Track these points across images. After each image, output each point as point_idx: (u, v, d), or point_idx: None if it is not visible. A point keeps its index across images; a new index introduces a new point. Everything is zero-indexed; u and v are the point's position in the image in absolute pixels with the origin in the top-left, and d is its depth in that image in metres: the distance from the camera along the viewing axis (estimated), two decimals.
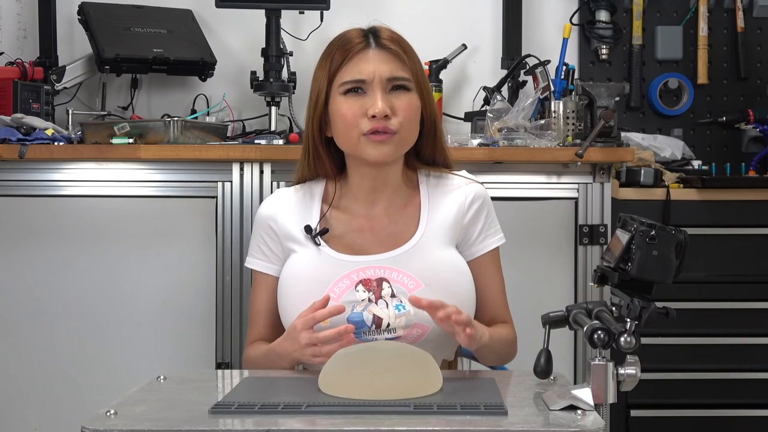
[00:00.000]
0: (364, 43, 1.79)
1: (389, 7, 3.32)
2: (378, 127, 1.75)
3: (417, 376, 1.46)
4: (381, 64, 1.77)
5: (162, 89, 3.32)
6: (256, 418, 1.32)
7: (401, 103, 1.77)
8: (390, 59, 1.78)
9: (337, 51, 1.79)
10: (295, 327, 1.68)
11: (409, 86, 1.79)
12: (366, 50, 1.78)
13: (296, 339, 1.68)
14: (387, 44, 1.79)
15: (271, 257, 1.88)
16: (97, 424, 1.27)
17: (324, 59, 1.82)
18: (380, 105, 1.74)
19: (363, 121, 1.76)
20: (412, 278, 1.77)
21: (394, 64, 1.78)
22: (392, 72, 1.77)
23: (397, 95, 1.78)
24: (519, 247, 2.60)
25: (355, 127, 1.76)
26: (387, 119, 1.75)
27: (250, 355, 1.87)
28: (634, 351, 1.37)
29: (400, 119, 1.77)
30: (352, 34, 1.81)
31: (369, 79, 1.76)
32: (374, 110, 1.74)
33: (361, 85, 1.77)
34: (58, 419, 2.66)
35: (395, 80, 1.78)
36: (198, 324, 2.69)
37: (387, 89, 1.77)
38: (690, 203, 2.83)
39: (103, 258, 2.68)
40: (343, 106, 1.77)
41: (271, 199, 1.93)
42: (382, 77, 1.76)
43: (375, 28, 1.82)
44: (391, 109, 1.76)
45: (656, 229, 1.40)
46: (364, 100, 1.77)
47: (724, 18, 3.42)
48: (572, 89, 2.92)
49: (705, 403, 2.84)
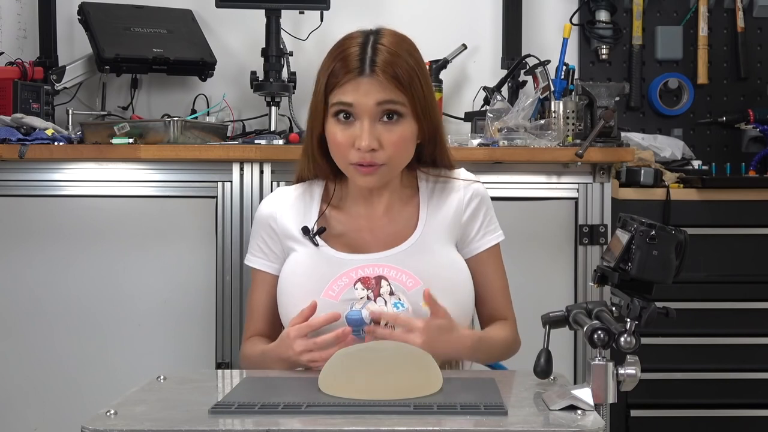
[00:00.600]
0: (359, 68, 1.72)
1: (389, 7, 3.32)
2: (364, 161, 1.73)
3: (417, 376, 1.46)
4: (372, 91, 1.72)
5: (162, 89, 3.32)
6: (256, 418, 1.32)
7: (391, 136, 1.74)
8: (383, 86, 1.72)
9: (334, 69, 1.74)
10: (288, 335, 1.70)
11: (401, 111, 1.74)
12: (359, 77, 1.72)
13: (290, 346, 1.69)
14: (381, 71, 1.72)
15: (271, 256, 1.89)
16: (97, 424, 1.27)
17: (324, 69, 1.78)
18: (366, 140, 1.71)
19: (351, 151, 1.74)
20: (410, 276, 1.77)
21: (387, 88, 1.72)
22: (383, 96, 1.72)
23: (387, 126, 1.74)
24: (519, 247, 2.60)
25: (344, 154, 1.76)
26: (374, 152, 1.73)
27: (247, 352, 1.88)
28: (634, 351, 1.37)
29: (388, 153, 1.74)
30: (352, 52, 1.74)
31: (357, 104, 1.72)
32: (359, 144, 1.72)
33: (350, 110, 1.73)
34: (58, 419, 2.66)
35: (386, 104, 1.73)
36: (198, 324, 2.69)
37: (376, 117, 1.73)
38: (690, 203, 2.83)
39: (103, 258, 2.68)
40: (335, 131, 1.76)
41: (271, 197, 1.94)
42: (370, 104, 1.72)
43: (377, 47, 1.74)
44: (378, 141, 1.73)
45: (656, 229, 1.40)
46: (352, 129, 1.74)
47: (724, 18, 3.42)
48: (572, 89, 2.92)
49: (705, 403, 2.84)
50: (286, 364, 1.73)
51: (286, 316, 1.80)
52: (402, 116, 1.75)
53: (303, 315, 1.71)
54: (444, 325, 1.70)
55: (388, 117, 1.74)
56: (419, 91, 1.75)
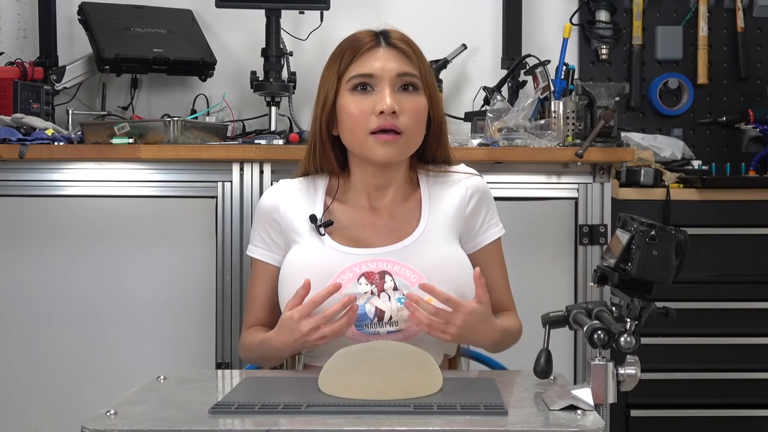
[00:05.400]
0: (374, 41, 1.80)
1: (389, 7, 3.32)
2: (386, 124, 1.76)
3: (417, 376, 1.46)
4: (390, 62, 1.79)
5: (162, 89, 3.32)
6: (256, 418, 1.32)
7: (409, 103, 1.79)
8: (399, 57, 1.80)
9: (347, 49, 1.81)
10: (291, 317, 1.68)
11: (417, 85, 1.80)
12: (376, 48, 1.80)
13: (295, 329, 1.67)
14: (397, 43, 1.80)
15: (272, 247, 1.88)
16: (97, 424, 1.27)
17: (333, 59, 1.83)
18: (389, 101, 1.75)
19: (371, 118, 1.77)
20: (414, 271, 1.77)
21: (403, 62, 1.79)
22: (402, 68, 1.79)
23: (405, 96, 1.79)
24: (519, 247, 2.60)
25: (362, 124, 1.77)
26: (395, 116, 1.76)
27: (247, 341, 1.88)
28: (634, 351, 1.37)
29: (408, 119, 1.78)
30: (362, 34, 1.83)
31: (378, 74, 1.78)
32: (382, 106, 1.75)
33: (370, 81, 1.78)
34: (58, 419, 2.66)
35: (404, 77, 1.79)
36: (198, 324, 2.69)
37: (396, 87, 1.78)
38: (690, 203, 2.83)
39: (103, 258, 2.68)
40: (351, 103, 1.78)
41: (275, 189, 1.93)
42: (391, 73, 1.78)
43: (385, 30, 1.84)
44: (399, 107, 1.76)
45: (656, 229, 1.40)
46: (372, 97, 1.78)
47: (724, 18, 3.42)
48: (572, 89, 2.92)
49: (705, 403, 2.84)
50: (289, 350, 1.73)
51: None
52: (418, 89, 1.81)
53: (299, 295, 1.69)
54: (485, 312, 1.72)
55: (405, 88, 1.79)
56: (429, 78, 1.83)
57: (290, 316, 1.68)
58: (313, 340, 1.67)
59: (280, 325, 1.73)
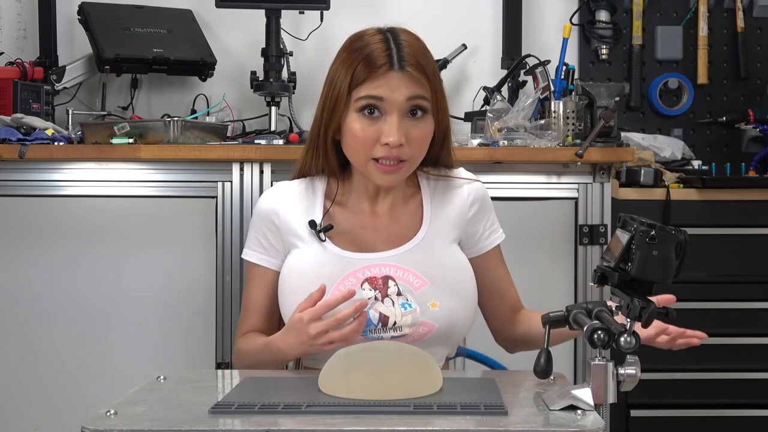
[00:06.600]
0: (388, 63, 1.72)
1: (389, 7, 3.32)
2: (390, 155, 1.73)
3: (417, 376, 1.46)
4: (402, 87, 1.72)
5: (162, 89, 3.32)
6: (256, 418, 1.32)
7: (417, 131, 1.74)
8: (413, 81, 1.73)
9: (361, 64, 1.73)
10: (301, 319, 1.65)
11: (426, 108, 1.75)
12: (389, 72, 1.72)
13: (303, 331, 1.65)
14: (410, 66, 1.73)
15: (271, 251, 1.86)
16: (97, 424, 1.27)
17: (345, 65, 1.75)
18: (395, 135, 1.71)
19: (376, 146, 1.73)
20: (417, 276, 1.77)
21: (415, 85, 1.73)
22: (413, 92, 1.73)
23: (413, 123, 1.74)
24: (519, 247, 2.60)
25: (366, 150, 1.74)
26: (400, 148, 1.73)
27: (243, 347, 1.85)
28: (634, 351, 1.37)
29: (413, 149, 1.74)
30: (376, 48, 1.74)
31: (388, 98, 1.71)
32: (388, 139, 1.71)
33: (379, 105, 1.72)
34: (58, 419, 2.66)
35: (414, 99, 1.73)
36: (198, 324, 2.69)
37: (404, 113, 1.73)
38: (690, 203, 2.83)
39: (103, 258, 2.68)
40: (357, 124, 1.74)
41: (273, 191, 1.90)
42: (401, 98, 1.72)
43: (399, 43, 1.75)
44: (406, 136, 1.73)
45: (656, 229, 1.40)
46: (379, 124, 1.73)
47: (724, 18, 3.42)
48: (572, 89, 2.92)
49: (705, 403, 2.84)
50: (295, 352, 1.70)
51: (288, 313, 1.77)
52: (426, 112, 1.76)
53: (312, 298, 1.66)
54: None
55: (413, 113, 1.74)
56: (440, 87, 1.78)
57: (300, 317, 1.66)
58: (320, 344, 1.65)
59: (289, 327, 1.71)
